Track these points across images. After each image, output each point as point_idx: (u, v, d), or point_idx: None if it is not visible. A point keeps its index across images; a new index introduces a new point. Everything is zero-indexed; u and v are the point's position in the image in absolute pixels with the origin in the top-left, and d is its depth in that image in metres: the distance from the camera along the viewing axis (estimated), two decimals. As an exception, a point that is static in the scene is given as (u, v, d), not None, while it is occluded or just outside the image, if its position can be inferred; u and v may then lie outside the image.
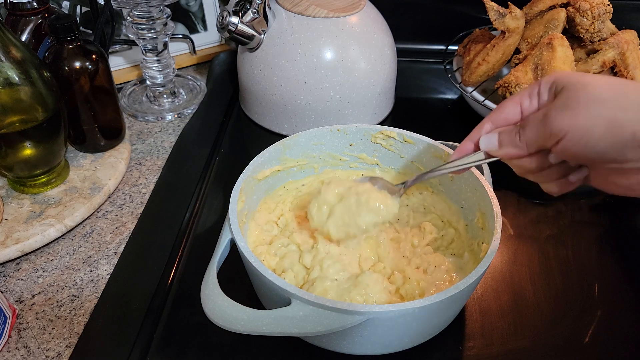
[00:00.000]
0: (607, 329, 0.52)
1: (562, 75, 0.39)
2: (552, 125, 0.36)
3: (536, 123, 0.38)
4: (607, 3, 0.71)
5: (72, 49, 0.63)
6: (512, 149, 0.41)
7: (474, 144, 0.45)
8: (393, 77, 0.79)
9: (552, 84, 0.39)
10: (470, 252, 0.53)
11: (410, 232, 0.57)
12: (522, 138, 0.40)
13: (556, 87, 0.38)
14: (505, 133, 0.41)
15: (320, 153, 0.61)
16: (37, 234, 0.58)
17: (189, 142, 0.75)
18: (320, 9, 0.71)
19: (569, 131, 0.36)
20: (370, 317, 0.41)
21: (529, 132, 0.39)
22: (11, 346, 0.50)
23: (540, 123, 0.38)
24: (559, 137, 0.36)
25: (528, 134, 0.39)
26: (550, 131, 0.37)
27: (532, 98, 0.41)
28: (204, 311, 0.43)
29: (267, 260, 0.53)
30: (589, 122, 0.35)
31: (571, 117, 0.35)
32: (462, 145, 0.45)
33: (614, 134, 0.34)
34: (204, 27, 0.92)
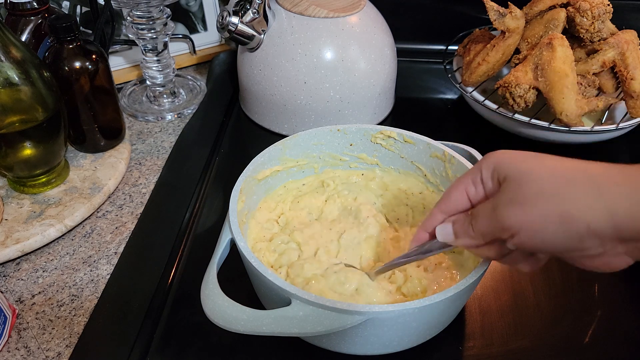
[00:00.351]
0: (607, 329, 0.52)
1: (501, 160, 0.38)
2: (503, 221, 0.36)
3: (487, 216, 0.37)
4: (607, 3, 0.71)
5: (72, 49, 0.63)
6: (468, 240, 0.40)
7: (429, 233, 0.44)
8: (393, 77, 0.79)
9: (494, 172, 0.38)
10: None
11: (410, 231, 0.57)
12: (475, 230, 0.39)
13: (498, 175, 0.38)
14: (458, 223, 0.41)
15: (320, 153, 0.61)
16: (37, 234, 0.58)
17: (189, 142, 0.75)
18: (320, 9, 0.71)
19: (521, 228, 0.35)
20: (370, 317, 0.41)
21: (480, 224, 0.38)
22: (11, 346, 0.50)
23: (491, 217, 0.37)
24: (512, 232, 0.35)
25: (480, 226, 0.38)
26: (501, 226, 0.36)
27: (476, 185, 0.40)
28: (204, 311, 0.43)
29: (265, 256, 0.53)
30: (540, 218, 0.34)
31: (521, 214, 0.35)
32: (417, 235, 0.45)
33: (568, 228, 0.33)
34: (204, 27, 0.92)
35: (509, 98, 0.71)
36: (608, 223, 0.32)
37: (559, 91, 0.68)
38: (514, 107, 0.71)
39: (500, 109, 0.73)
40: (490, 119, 0.77)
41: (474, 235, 0.39)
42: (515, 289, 0.56)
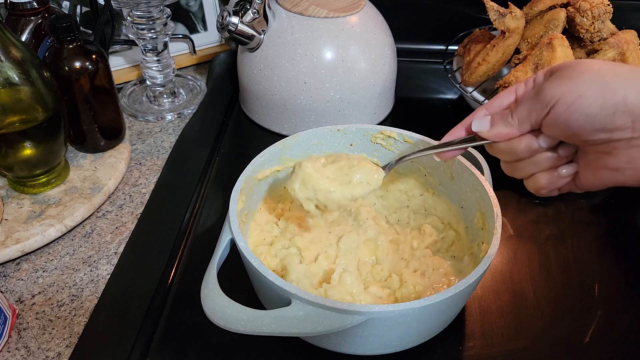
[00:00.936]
0: (607, 329, 0.52)
1: (557, 64, 0.39)
2: (544, 95, 0.37)
3: (529, 98, 0.39)
4: (607, 3, 0.71)
5: (72, 49, 0.63)
6: (502, 127, 0.41)
7: (466, 129, 0.45)
8: (393, 77, 0.79)
9: (548, 71, 0.40)
10: (470, 255, 0.53)
11: (410, 234, 0.57)
12: (515, 115, 0.40)
13: (552, 71, 0.39)
14: (497, 114, 0.42)
15: (320, 153, 0.61)
16: (37, 234, 0.58)
17: (189, 142, 0.75)
18: (320, 9, 0.71)
19: (561, 97, 0.36)
20: (370, 317, 0.41)
21: (521, 108, 0.39)
22: (11, 346, 0.50)
23: (533, 97, 0.38)
24: (551, 104, 0.37)
25: (520, 110, 0.39)
26: (542, 101, 0.37)
27: (527, 84, 0.41)
28: (204, 311, 0.43)
29: (267, 260, 0.53)
30: (581, 87, 0.35)
31: (564, 84, 0.36)
32: (453, 130, 0.46)
33: (605, 97, 0.35)
34: (204, 27, 0.92)
35: (509, 98, 0.71)
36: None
37: (559, 91, 0.68)
38: (514, 107, 0.71)
39: (500, 109, 0.73)
40: (490, 119, 0.77)
41: (511, 121, 0.40)
42: (515, 289, 0.56)
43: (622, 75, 0.35)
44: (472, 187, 0.54)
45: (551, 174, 0.41)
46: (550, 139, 0.40)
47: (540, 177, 0.41)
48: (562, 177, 0.41)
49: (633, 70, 0.35)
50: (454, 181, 0.57)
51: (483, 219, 0.52)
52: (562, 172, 0.41)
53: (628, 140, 0.35)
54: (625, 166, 0.36)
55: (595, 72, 0.36)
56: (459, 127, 0.45)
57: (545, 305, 0.54)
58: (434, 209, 0.60)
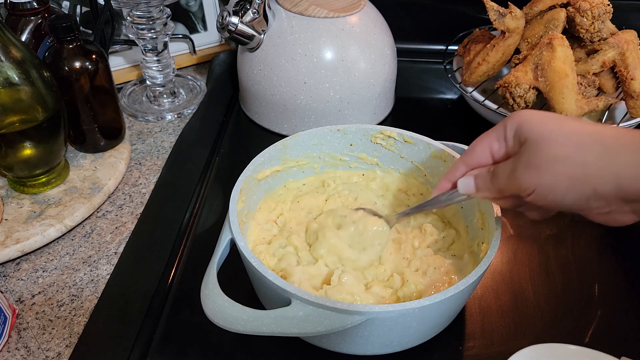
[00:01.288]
0: (607, 329, 0.52)
1: (524, 121, 0.40)
2: (520, 182, 0.39)
3: (505, 176, 0.41)
4: (607, 3, 0.71)
5: (72, 49, 0.63)
6: (487, 193, 0.44)
7: (451, 183, 0.47)
8: (393, 77, 0.79)
9: (517, 131, 0.41)
10: (470, 253, 0.53)
11: (411, 234, 0.57)
12: (495, 186, 0.43)
13: (520, 136, 0.40)
14: (479, 178, 0.44)
15: (320, 153, 0.61)
16: (37, 234, 0.58)
17: (189, 142, 0.75)
18: (320, 9, 0.71)
19: (535, 188, 0.39)
20: (370, 317, 0.41)
21: (500, 182, 0.42)
22: (11, 346, 0.50)
23: (510, 177, 0.41)
24: (528, 192, 0.39)
25: (500, 183, 0.42)
26: (519, 187, 0.40)
27: (499, 142, 0.43)
28: (204, 311, 0.43)
29: (266, 260, 0.53)
30: (552, 180, 0.38)
31: (536, 176, 0.38)
32: (440, 185, 0.48)
33: (576, 189, 0.37)
34: (204, 27, 0.92)
35: (509, 98, 0.71)
36: (613, 186, 0.36)
37: (559, 91, 0.68)
38: (514, 107, 0.71)
39: (500, 109, 0.73)
40: (490, 119, 0.77)
41: (493, 190, 0.43)
42: (515, 289, 0.56)
43: (588, 164, 0.36)
44: (472, 187, 0.54)
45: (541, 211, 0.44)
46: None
47: (532, 214, 0.45)
48: (551, 212, 0.44)
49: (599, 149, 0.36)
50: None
51: (483, 219, 0.52)
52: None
53: (606, 213, 0.39)
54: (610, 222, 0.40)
55: (562, 163, 0.37)
56: (444, 181, 0.48)
57: (545, 305, 0.54)
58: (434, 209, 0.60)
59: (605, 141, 0.36)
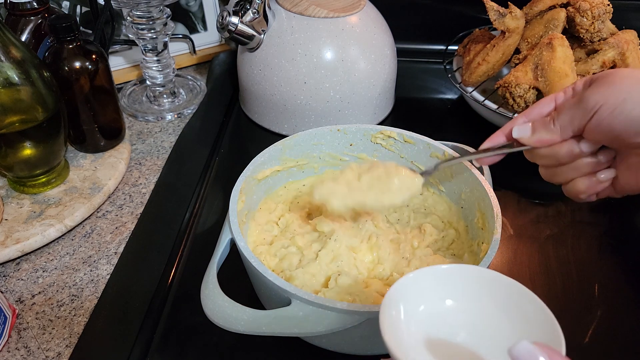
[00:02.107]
0: (607, 329, 0.52)
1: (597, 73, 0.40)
2: (587, 101, 0.38)
3: (571, 105, 0.39)
4: (607, 3, 0.71)
5: (72, 49, 0.63)
6: (545, 134, 0.41)
7: (505, 136, 0.45)
8: (393, 77, 0.79)
9: (588, 80, 0.40)
10: (470, 252, 0.53)
11: (411, 234, 0.57)
12: (557, 122, 0.40)
13: (591, 80, 0.40)
14: (538, 121, 0.42)
15: (320, 153, 0.61)
16: (37, 234, 0.58)
17: (189, 142, 0.75)
18: (320, 9, 0.71)
19: (604, 102, 0.37)
20: (370, 317, 0.41)
21: (563, 115, 0.40)
22: (11, 346, 0.50)
23: (576, 103, 0.39)
24: (595, 109, 0.37)
25: (563, 117, 0.40)
26: (585, 107, 0.38)
27: (566, 92, 0.42)
28: (204, 311, 0.43)
29: (266, 260, 0.53)
30: (624, 92, 0.36)
31: (607, 90, 0.37)
32: (493, 137, 0.46)
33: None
34: (204, 27, 0.92)
35: (509, 98, 0.71)
36: None
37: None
38: (514, 107, 0.71)
39: (500, 109, 0.73)
40: (490, 119, 0.77)
41: (553, 128, 0.41)
42: (515, 289, 0.56)
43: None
44: (472, 187, 0.54)
45: (590, 179, 0.42)
46: (591, 144, 0.41)
47: (579, 182, 0.42)
48: (600, 182, 0.42)
49: None
50: (454, 181, 0.57)
51: (483, 219, 0.52)
52: (601, 177, 0.42)
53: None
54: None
55: (636, 79, 0.37)
56: (498, 133, 0.46)
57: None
58: (434, 208, 0.60)
59: None
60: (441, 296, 0.36)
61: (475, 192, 0.54)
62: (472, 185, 0.54)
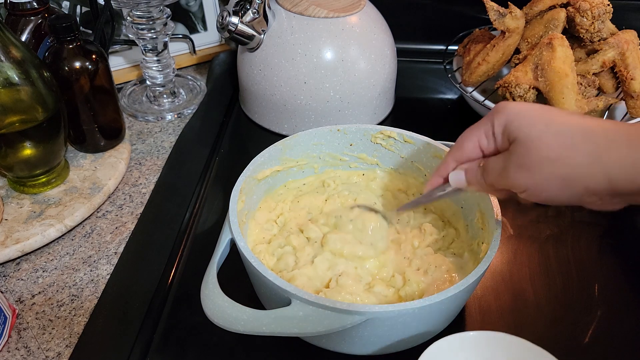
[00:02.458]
0: (607, 329, 0.52)
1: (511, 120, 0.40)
2: (512, 182, 0.40)
3: (497, 173, 0.41)
4: (607, 3, 0.71)
5: (72, 49, 0.63)
6: (479, 187, 0.44)
7: (443, 178, 0.48)
8: (393, 77, 0.79)
9: (505, 130, 0.41)
10: (470, 251, 0.53)
11: (411, 233, 0.57)
12: (487, 180, 0.43)
13: (509, 135, 0.41)
14: (470, 172, 0.45)
15: (320, 153, 0.61)
16: (37, 234, 0.58)
17: (189, 142, 0.75)
18: (320, 9, 0.71)
19: (528, 188, 0.39)
20: (370, 317, 0.41)
21: (492, 177, 0.42)
22: (11, 346, 0.50)
23: (501, 174, 0.41)
24: (521, 191, 0.40)
25: (491, 179, 0.42)
26: (511, 185, 0.41)
27: (488, 138, 0.43)
28: (204, 311, 0.43)
29: (265, 259, 0.53)
30: (545, 181, 0.38)
31: (528, 177, 0.39)
32: (432, 180, 0.49)
33: (569, 189, 0.38)
34: (204, 27, 0.92)
35: (509, 98, 0.71)
36: (604, 184, 0.37)
37: (559, 91, 0.68)
38: (514, 107, 0.71)
39: (500, 109, 0.73)
40: (490, 119, 0.77)
41: (485, 184, 0.43)
42: (515, 289, 0.56)
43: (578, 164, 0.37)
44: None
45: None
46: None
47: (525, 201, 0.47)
48: None
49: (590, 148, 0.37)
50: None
51: (483, 219, 0.52)
52: None
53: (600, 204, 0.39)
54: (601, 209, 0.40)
55: (552, 164, 0.37)
56: (435, 176, 0.48)
57: (545, 305, 0.54)
58: (434, 208, 0.60)
59: (595, 139, 0.37)
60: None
61: (475, 192, 0.54)
62: (472, 185, 0.54)
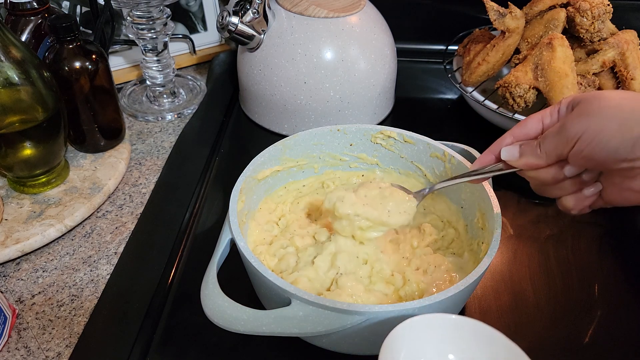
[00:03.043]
0: (607, 329, 0.52)
1: (580, 94, 0.42)
2: (568, 131, 0.39)
3: (554, 133, 0.41)
4: (607, 3, 0.71)
5: (72, 49, 0.63)
6: (532, 158, 0.43)
7: (495, 155, 0.47)
8: (393, 77, 0.79)
9: (571, 102, 0.42)
10: (470, 251, 0.53)
11: (410, 234, 0.57)
12: (542, 148, 0.42)
13: (574, 104, 0.41)
14: (526, 144, 0.44)
15: (320, 153, 0.61)
16: (37, 234, 0.58)
17: (189, 142, 0.75)
18: (320, 9, 0.71)
19: (583, 133, 0.39)
20: (370, 317, 0.41)
21: (547, 141, 0.42)
22: (11, 346, 0.50)
23: (558, 131, 0.41)
24: (575, 139, 0.39)
25: (547, 144, 0.42)
26: (566, 136, 0.40)
27: (552, 115, 0.44)
28: (204, 311, 0.43)
29: (266, 260, 0.53)
30: (601, 123, 0.38)
31: (585, 120, 0.39)
32: (482, 157, 0.47)
33: (624, 133, 0.37)
34: (204, 27, 0.92)
35: (509, 98, 0.71)
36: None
37: (559, 91, 0.68)
38: (514, 107, 0.71)
39: (500, 109, 0.73)
40: (490, 119, 0.77)
41: (539, 154, 0.42)
42: (515, 289, 0.56)
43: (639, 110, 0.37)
44: (472, 187, 0.54)
45: (577, 196, 0.44)
46: (575, 169, 0.42)
47: (567, 200, 0.44)
48: (587, 197, 0.44)
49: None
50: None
51: (483, 219, 0.52)
52: (586, 193, 0.44)
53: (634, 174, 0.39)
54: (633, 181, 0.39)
55: (613, 108, 0.38)
56: (487, 153, 0.47)
57: (545, 305, 0.54)
58: (433, 208, 0.60)
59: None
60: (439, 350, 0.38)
61: (475, 192, 0.54)
62: (472, 185, 0.54)
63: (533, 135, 0.44)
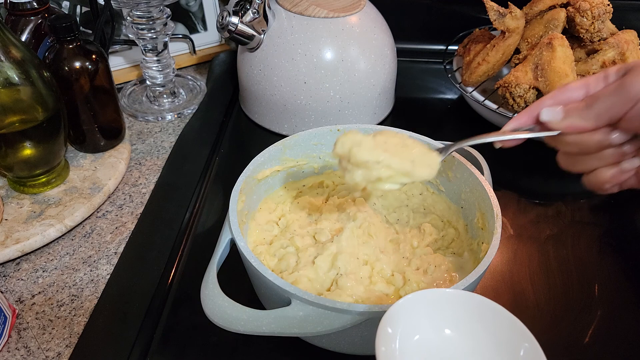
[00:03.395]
0: (607, 329, 0.52)
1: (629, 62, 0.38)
2: (629, 90, 0.36)
3: (610, 92, 0.38)
4: (607, 3, 0.71)
5: (72, 49, 0.63)
6: (577, 119, 0.39)
7: (532, 117, 0.43)
8: (393, 77, 0.79)
9: (621, 69, 0.39)
10: (470, 251, 0.53)
11: (410, 233, 0.57)
12: (593, 109, 0.38)
13: (625, 69, 0.38)
14: (571, 105, 0.40)
15: (320, 153, 0.61)
16: (37, 234, 0.58)
17: (189, 142, 0.75)
18: (320, 9, 0.71)
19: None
20: (370, 317, 0.41)
21: (601, 102, 0.38)
22: (11, 346, 0.50)
23: (616, 91, 0.37)
24: (637, 98, 0.36)
25: (600, 103, 0.38)
26: (626, 95, 0.36)
27: (598, 81, 0.40)
28: (204, 311, 0.43)
29: (266, 260, 0.53)
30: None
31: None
32: (518, 116, 0.43)
33: None
34: (204, 27, 0.92)
35: (509, 98, 0.71)
36: None
37: (559, 91, 0.68)
38: (514, 107, 0.71)
39: (500, 109, 0.73)
40: (490, 119, 0.77)
41: (588, 114, 0.39)
42: (515, 289, 0.56)
43: None
44: (471, 187, 0.54)
45: (614, 169, 0.41)
46: (624, 134, 0.39)
47: (603, 172, 0.41)
48: (624, 172, 0.41)
49: None
50: (454, 181, 0.57)
51: (483, 219, 0.52)
52: (625, 166, 0.40)
53: None
54: None
55: None
56: (524, 114, 0.43)
57: (545, 305, 0.54)
58: (434, 208, 0.60)
59: None
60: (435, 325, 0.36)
61: (475, 192, 0.54)
62: (472, 185, 0.54)
63: (575, 99, 0.41)
